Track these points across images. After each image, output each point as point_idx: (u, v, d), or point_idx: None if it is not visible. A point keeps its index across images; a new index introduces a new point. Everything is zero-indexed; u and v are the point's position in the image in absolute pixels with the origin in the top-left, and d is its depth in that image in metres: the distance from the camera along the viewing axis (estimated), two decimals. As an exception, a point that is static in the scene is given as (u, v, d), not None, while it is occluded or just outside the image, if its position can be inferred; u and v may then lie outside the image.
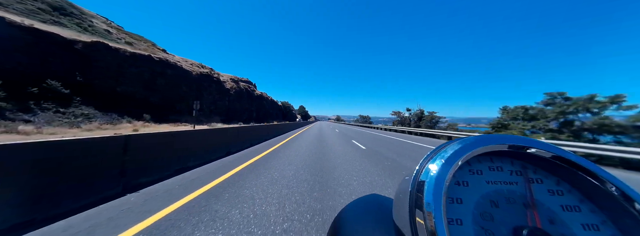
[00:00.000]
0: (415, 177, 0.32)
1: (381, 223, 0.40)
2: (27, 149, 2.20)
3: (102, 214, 2.42)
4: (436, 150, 0.34)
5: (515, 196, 0.33)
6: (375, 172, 4.53)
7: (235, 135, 7.41)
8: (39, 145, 2.30)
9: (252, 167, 4.77)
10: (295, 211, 2.58)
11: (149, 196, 2.97)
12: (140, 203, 2.74)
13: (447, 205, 0.30)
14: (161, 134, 4.09)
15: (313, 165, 5.09)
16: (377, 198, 0.50)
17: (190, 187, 3.37)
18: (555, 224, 0.30)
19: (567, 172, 0.33)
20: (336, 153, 7.03)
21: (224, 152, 6.28)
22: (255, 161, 5.43)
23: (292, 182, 3.70)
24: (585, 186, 0.32)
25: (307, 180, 3.82)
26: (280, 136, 13.10)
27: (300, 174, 4.22)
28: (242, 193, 3.14)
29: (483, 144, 0.32)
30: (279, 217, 2.41)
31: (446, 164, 0.30)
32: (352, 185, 3.64)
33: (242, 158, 5.83)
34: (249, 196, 3.04)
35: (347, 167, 4.99)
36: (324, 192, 3.25)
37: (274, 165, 5.02)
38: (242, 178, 3.92)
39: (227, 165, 4.96)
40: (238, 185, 3.53)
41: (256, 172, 4.32)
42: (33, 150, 2.24)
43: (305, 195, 3.12)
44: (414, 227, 0.28)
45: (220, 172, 4.27)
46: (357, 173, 4.42)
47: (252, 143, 8.74)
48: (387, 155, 6.81)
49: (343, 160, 5.74)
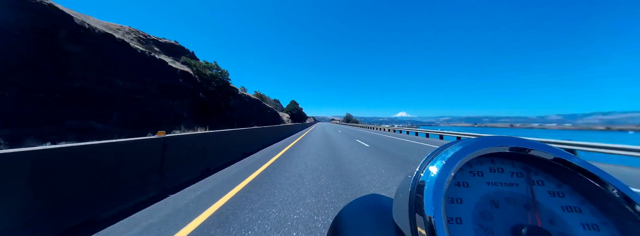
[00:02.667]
0: (416, 178, 0.32)
1: (381, 223, 0.40)
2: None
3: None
4: (437, 151, 0.34)
5: (515, 197, 0.33)
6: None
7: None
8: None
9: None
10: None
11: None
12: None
13: (447, 205, 0.30)
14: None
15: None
16: (377, 198, 0.51)
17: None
18: (555, 224, 0.31)
19: (569, 174, 0.33)
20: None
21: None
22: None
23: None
24: (587, 188, 0.32)
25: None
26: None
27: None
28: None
29: (484, 146, 0.32)
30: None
31: (447, 165, 0.30)
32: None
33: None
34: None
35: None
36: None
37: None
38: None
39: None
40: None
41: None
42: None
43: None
44: (414, 227, 0.28)
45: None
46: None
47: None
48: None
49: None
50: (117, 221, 2.37)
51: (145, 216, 2.50)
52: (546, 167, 0.35)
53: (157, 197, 3.08)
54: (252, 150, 7.68)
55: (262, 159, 6.15)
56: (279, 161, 5.88)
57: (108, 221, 2.36)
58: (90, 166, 2.40)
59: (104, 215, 2.42)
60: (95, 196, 2.39)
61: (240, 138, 7.11)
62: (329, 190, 3.41)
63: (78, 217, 2.22)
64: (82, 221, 2.23)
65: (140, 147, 3.08)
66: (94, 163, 2.44)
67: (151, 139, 3.27)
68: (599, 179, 0.31)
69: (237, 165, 5.42)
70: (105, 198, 2.48)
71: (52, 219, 2.04)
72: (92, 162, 2.42)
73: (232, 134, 6.48)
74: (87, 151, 2.38)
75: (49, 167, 2.09)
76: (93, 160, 2.43)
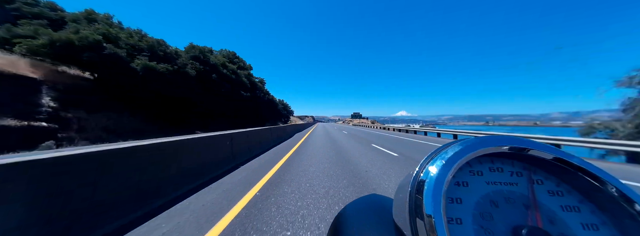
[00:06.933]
0: (415, 177, 0.32)
1: (381, 223, 0.40)
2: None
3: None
4: (437, 151, 0.34)
5: (515, 197, 0.33)
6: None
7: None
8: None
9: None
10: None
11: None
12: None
13: (447, 205, 0.30)
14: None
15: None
16: (377, 198, 0.51)
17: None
18: (555, 224, 0.31)
19: (568, 173, 0.33)
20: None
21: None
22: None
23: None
24: (586, 188, 0.32)
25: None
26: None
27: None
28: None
29: (484, 146, 0.32)
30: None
31: (446, 165, 0.30)
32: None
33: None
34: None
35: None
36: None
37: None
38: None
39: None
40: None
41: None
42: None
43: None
44: (414, 227, 0.28)
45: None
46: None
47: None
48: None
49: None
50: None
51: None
52: (545, 167, 0.35)
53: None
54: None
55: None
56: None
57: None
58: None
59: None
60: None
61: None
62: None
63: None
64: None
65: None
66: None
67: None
68: (598, 178, 0.31)
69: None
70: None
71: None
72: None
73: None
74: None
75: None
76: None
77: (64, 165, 1.99)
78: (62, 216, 1.91)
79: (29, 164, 1.75)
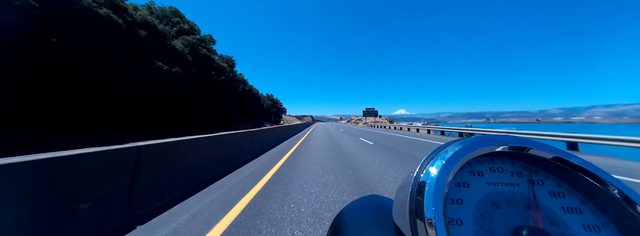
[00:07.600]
0: (416, 178, 0.32)
1: (381, 223, 0.40)
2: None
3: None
4: (437, 151, 0.34)
5: (515, 198, 0.32)
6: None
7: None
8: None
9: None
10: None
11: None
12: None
13: (447, 206, 0.30)
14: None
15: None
16: (377, 199, 0.51)
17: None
18: (556, 225, 0.30)
19: (569, 174, 0.33)
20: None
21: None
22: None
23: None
24: (587, 188, 0.32)
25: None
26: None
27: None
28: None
29: (484, 145, 0.32)
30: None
31: (447, 165, 0.30)
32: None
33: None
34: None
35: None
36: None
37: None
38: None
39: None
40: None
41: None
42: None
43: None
44: (414, 228, 0.28)
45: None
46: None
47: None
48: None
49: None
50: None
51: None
52: (546, 166, 0.35)
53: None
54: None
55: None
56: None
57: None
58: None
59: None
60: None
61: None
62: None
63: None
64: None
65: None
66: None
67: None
68: (599, 178, 0.31)
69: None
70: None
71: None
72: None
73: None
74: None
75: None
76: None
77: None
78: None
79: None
